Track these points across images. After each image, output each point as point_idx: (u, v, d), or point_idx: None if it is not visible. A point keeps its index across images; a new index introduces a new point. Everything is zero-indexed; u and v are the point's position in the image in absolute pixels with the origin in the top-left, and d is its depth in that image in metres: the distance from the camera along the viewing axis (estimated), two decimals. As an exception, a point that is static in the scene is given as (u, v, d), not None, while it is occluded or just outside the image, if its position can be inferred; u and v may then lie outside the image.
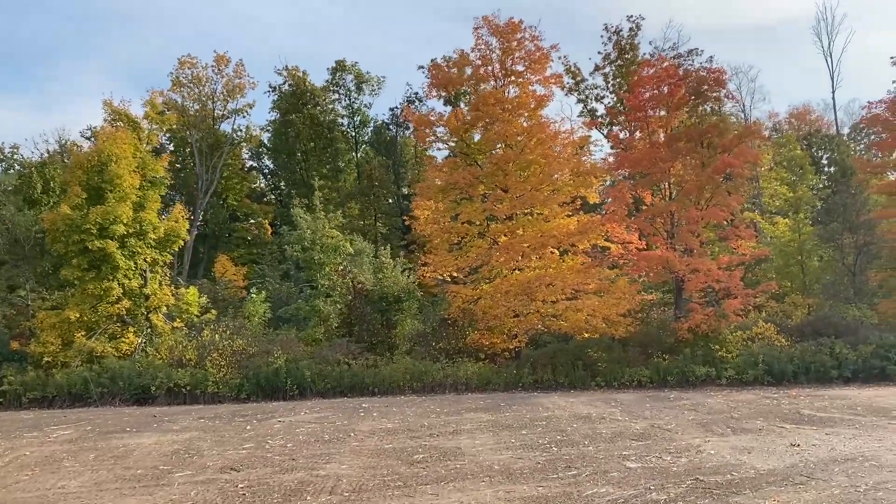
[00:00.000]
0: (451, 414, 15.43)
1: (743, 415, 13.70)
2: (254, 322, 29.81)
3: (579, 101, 45.34)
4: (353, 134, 52.18)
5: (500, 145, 27.10)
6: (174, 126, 49.47)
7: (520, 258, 26.00)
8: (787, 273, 31.20)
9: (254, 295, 30.07)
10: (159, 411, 19.40)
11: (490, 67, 27.66)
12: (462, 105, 32.76)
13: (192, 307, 29.04)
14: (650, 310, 27.94)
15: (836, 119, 49.28)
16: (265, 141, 55.35)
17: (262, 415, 17.01)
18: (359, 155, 52.82)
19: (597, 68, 43.92)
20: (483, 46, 27.65)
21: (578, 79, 45.10)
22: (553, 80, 28.34)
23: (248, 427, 14.61)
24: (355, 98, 51.12)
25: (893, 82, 27.82)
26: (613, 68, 43.27)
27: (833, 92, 47.53)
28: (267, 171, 60.48)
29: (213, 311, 29.26)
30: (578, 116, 44.66)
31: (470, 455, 10.07)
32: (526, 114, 27.15)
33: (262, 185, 61.20)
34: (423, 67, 28.87)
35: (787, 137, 39.45)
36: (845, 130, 50.73)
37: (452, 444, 11.14)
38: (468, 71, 27.99)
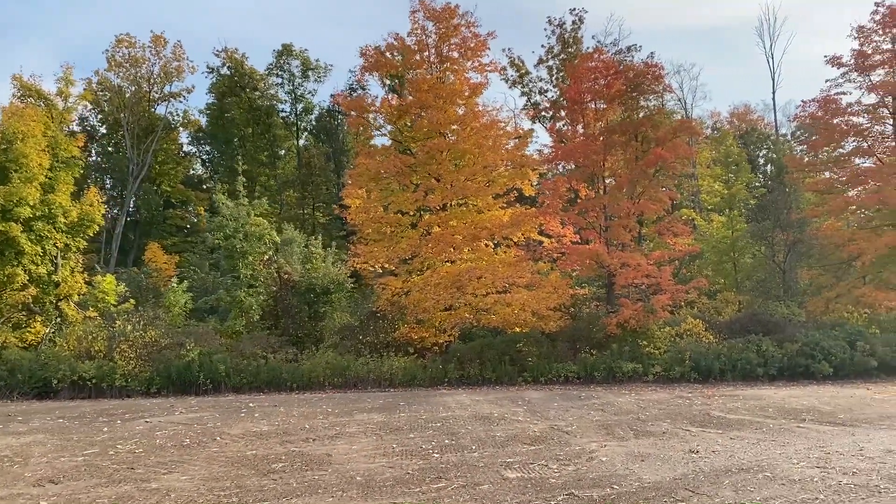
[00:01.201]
0: (343, 414, 14.49)
1: (651, 416, 13.10)
2: (174, 313, 28.43)
3: (523, 94, 44.98)
4: (295, 121, 50.71)
5: (434, 133, 26.30)
6: (100, 105, 47.43)
7: (451, 250, 25.27)
8: (721, 270, 31.23)
9: (175, 284, 28.62)
10: (23, 408, 17.84)
11: (426, 53, 26.84)
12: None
13: (109, 296, 27.53)
14: (583, 305, 27.53)
15: (775, 119, 50.01)
16: (204, 125, 53.52)
17: (133, 413, 15.76)
18: (300, 143, 51.43)
19: (540, 61, 43.57)
20: (419, 31, 26.82)
21: (522, 72, 44.67)
22: (490, 69, 27.63)
23: (106, 429, 13.35)
24: (299, 84, 49.72)
25: (826, 81, 27.64)
26: (557, 62, 42.94)
27: (773, 93, 48.39)
28: (207, 157, 58.58)
29: (132, 301, 27.82)
30: (522, 110, 44.26)
31: (337, 464, 9.15)
32: (461, 101, 26.42)
33: (203, 171, 59.19)
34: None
35: (723, 133, 39.56)
36: (783, 131, 51.54)
37: (324, 451, 10.22)
38: (404, 55, 27.14)
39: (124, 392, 21.67)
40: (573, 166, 26.80)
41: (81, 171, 28.05)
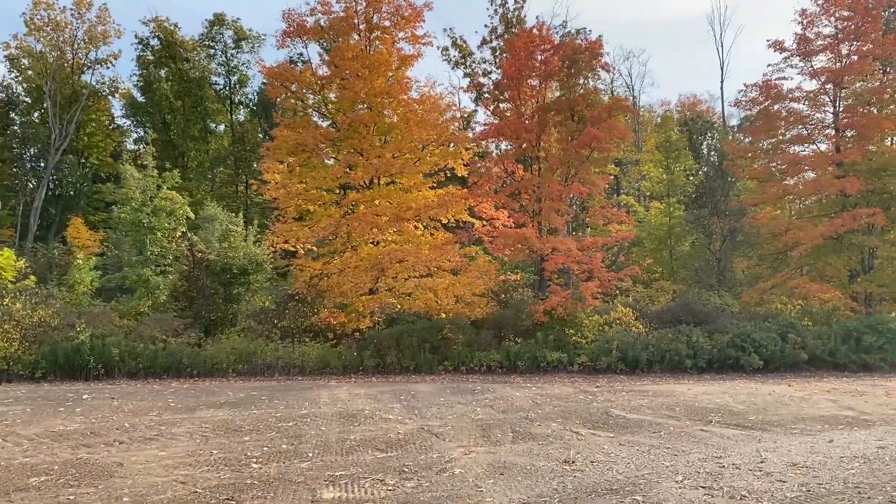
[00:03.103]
0: (185, 410, 12.56)
1: (542, 414, 11.61)
2: (78, 291, 26.42)
3: (466, 75, 43.55)
4: (229, 94, 48.28)
5: (360, 106, 24.72)
6: (20, 71, 44.56)
7: (375, 230, 23.78)
8: (658, 257, 30.41)
9: (80, 260, 26.55)
10: None
11: (356, 20, 25.17)
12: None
13: (7, 272, 25.41)
14: (515, 291, 26.37)
15: (722, 108, 49.38)
16: (138, 97, 50.72)
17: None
18: (237, 117, 49.05)
19: (484, 42, 42.29)
20: (349, -4, 25.13)
21: (466, 52, 43.26)
22: (424, 41, 26.04)
23: None
24: (233, 55, 47.30)
25: (768, 65, 26.85)
26: (501, 42, 41.57)
27: (721, 82, 47.56)
28: (142, 130, 55.72)
29: (33, 277, 25.74)
30: (465, 90, 42.96)
31: (120, 477, 7.38)
32: (389, 73, 24.86)
33: (136, 146, 56.25)
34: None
35: (664, 118, 38.74)
36: (732, 122, 51.04)
37: (120, 458, 8.44)
38: (332, 22, 25.41)
39: (5, 377, 19.79)
40: (506, 146, 25.56)
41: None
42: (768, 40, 26.51)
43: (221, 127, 50.99)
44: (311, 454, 8.35)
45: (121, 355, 20.24)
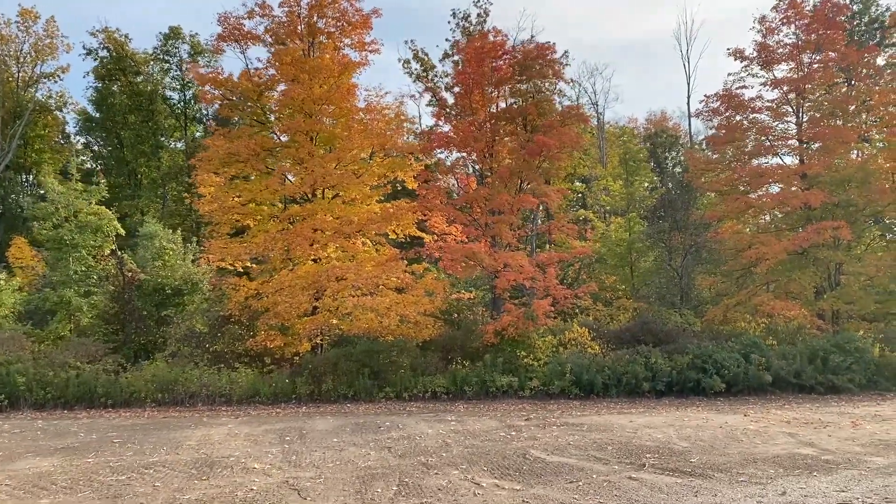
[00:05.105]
0: (2, 460, 10.33)
1: (446, 459, 9.80)
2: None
3: (428, 89, 42.34)
4: (183, 109, 46.51)
5: (300, 113, 23.28)
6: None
7: (313, 246, 22.21)
8: (621, 274, 29.12)
9: (1, 281, 24.66)
10: None
11: (298, 26, 23.81)
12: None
13: (-83, 295, 23.53)
14: (469, 310, 24.88)
15: (689, 124, 48.53)
16: (92, 112, 48.77)
17: None
18: (189, 133, 47.23)
19: (445, 56, 41.14)
20: (293, 1, 23.80)
21: (428, 66, 42.14)
22: (371, 48, 24.68)
23: None
24: (188, 69, 45.61)
25: (729, 75, 25.93)
26: (463, 56, 40.53)
27: (688, 97, 46.66)
28: (96, 146, 53.61)
29: (-51, 301, 23.83)
30: (427, 105, 41.81)
31: None
32: (332, 80, 23.47)
33: (99, 164, 53.97)
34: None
35: (624, 130, 37.71)
36: (701, 138, 50.26)
37: None
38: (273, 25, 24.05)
39: None
40: (457, 155, 24.29)
41: None
42: (728, 49, 25.62)
43: (181, 144, 49.25)
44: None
45: (28, 384, 18.48)
